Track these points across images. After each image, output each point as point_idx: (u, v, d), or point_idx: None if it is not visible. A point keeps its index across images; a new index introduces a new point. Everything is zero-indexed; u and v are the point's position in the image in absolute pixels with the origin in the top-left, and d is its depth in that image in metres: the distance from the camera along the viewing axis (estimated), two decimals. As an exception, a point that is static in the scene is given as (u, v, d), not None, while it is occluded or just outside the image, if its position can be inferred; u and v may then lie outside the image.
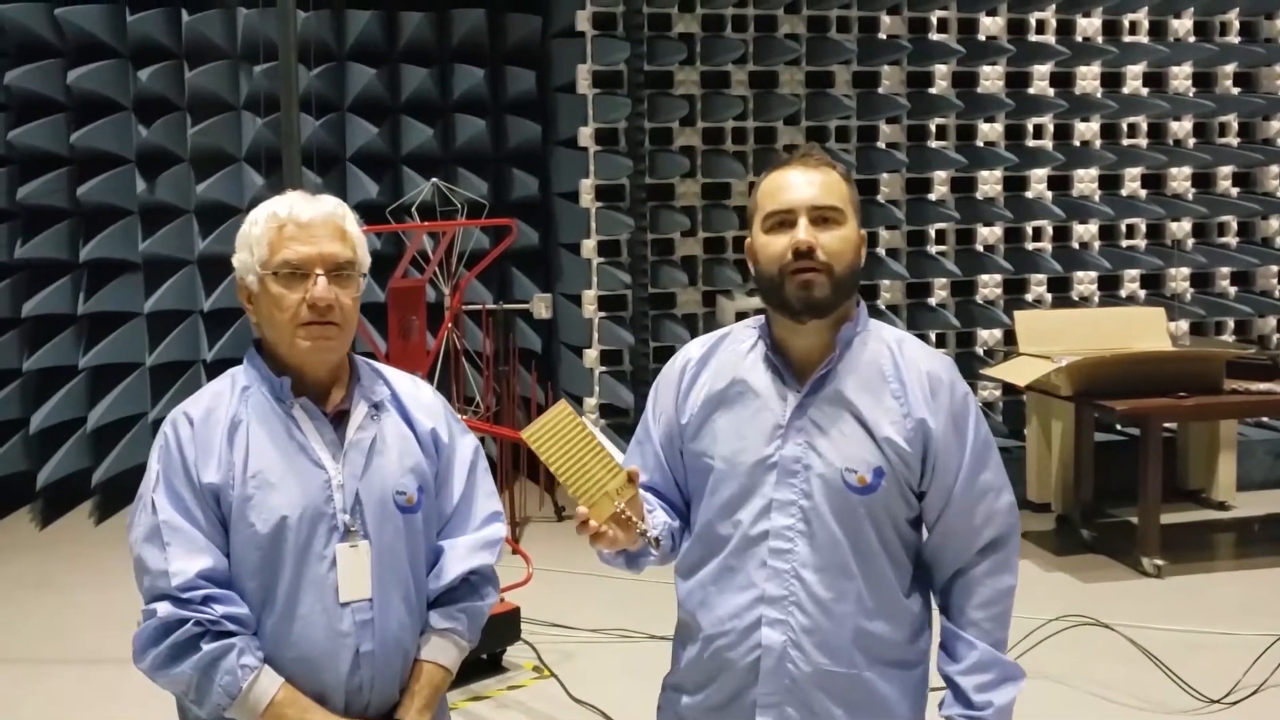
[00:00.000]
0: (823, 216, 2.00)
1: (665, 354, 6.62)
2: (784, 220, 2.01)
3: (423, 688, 2.10)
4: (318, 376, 2.07)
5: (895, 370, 2.03)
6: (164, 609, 1.95)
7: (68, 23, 6.51)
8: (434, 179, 5.54)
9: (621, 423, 6.43)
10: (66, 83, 6.50)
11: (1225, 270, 7.51)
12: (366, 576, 2.03)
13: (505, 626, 4.48)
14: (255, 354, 2.10)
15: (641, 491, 2.02)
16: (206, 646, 1.94)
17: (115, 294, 6.70)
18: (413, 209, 5.72)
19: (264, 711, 1.96)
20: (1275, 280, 7.62)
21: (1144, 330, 6.20)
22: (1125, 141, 7.28)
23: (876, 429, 1.99)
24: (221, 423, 2.02)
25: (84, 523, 6.59)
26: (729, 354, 2.11)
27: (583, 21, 6.34)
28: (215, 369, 6.69)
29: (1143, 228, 7.38)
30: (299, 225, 2.02)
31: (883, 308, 6.88)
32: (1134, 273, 7.34)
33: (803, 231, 1.98)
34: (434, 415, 2.17)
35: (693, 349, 2.17)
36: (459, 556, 2.15)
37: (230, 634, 1.95)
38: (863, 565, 2.00)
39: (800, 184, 2.01)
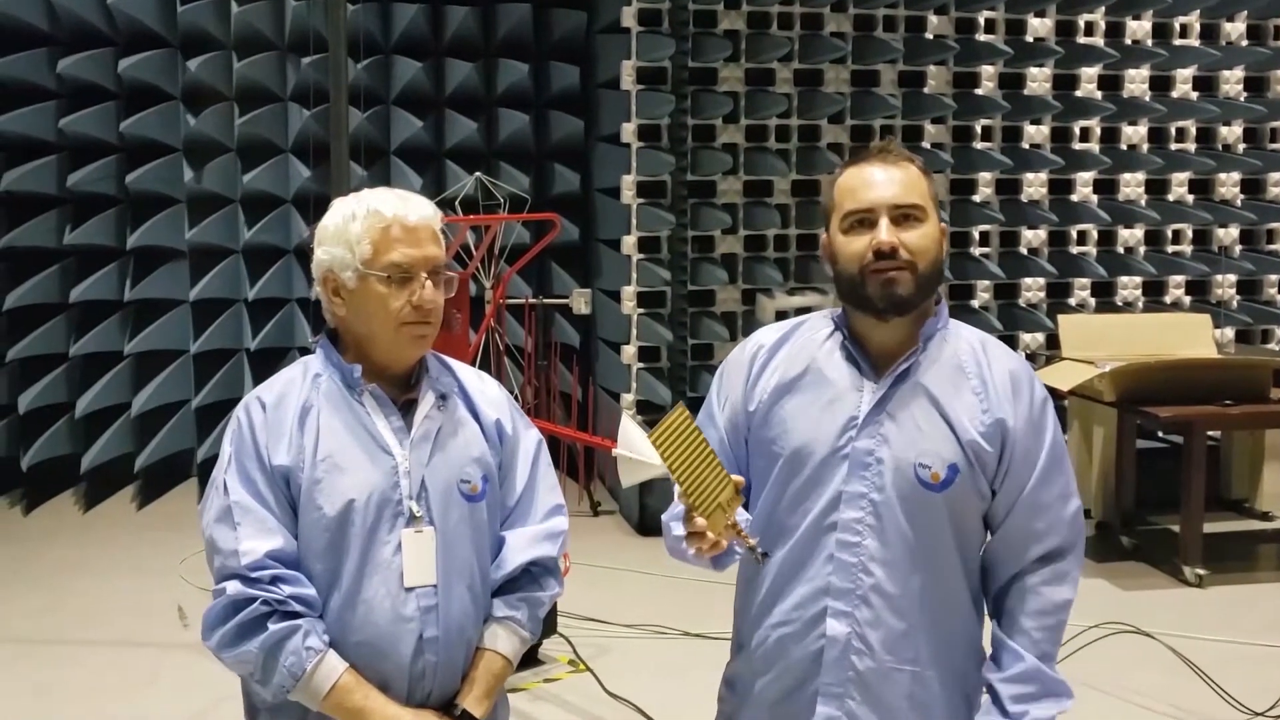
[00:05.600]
0: (904, 215, 1.95)
1: (703, 351, 6.61)
2: (864, 219, 1.96)
3: (482, 675, 2.10)
4: (404, 369, 2.10)
5: (977, 368, 2.00)
6: (233, 587, 1.96)
7: (119, 12, 6.58)
8: (477, 173, 5.56)
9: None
10: (117, 71, 6.58)
11: (1273, 278, 7.42)
12: (431, 563, 2.04)
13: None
14: (328, 342, 2.13)
15: None
16: (273, 626, 1.95)
17: (161, 281, 6.77)
18: (456, 203, 5.75)
19: (326, 695, 1.97)
20: (1324, 288, 7.53)
21: (1189, 337, 6.12)
22: (1173, 146, 7.20)
23: (957, 424, 1.96)
24: (293, 407, 2.05)
25: (126, 507, 6.66)
26: (804, 341, 2.07)
27: (628, 17, 6.34)
28: (258, 358, 6.76)
29: (1189, 233, 7.30)
30: (405, 228, 2.04)
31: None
32: (1179, 278, 7.26)
33: (884, 232, 1.94)
34: (498, 408, 2.20)
35: (765, 335, 2.12)
36: (520, 547, 2.16)
37: (297, 614, 1.96)
38: (931, 562, 1.97)
39: (880, 181, 1.96)
